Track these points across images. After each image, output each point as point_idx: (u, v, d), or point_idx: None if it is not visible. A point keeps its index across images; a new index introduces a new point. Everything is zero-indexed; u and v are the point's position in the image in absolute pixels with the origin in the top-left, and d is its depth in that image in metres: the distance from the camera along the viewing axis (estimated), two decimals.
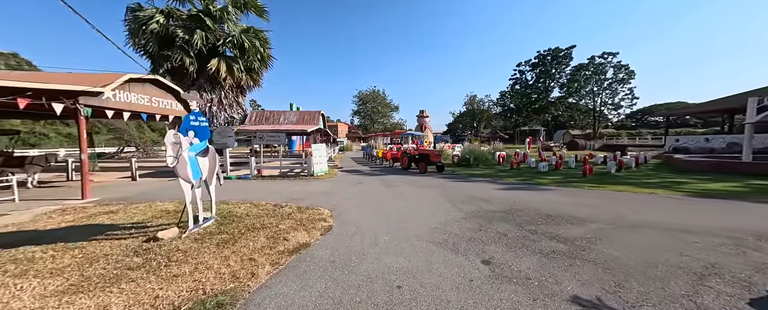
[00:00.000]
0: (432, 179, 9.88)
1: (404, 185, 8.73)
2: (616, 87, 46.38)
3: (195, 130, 4.32)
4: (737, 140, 19.51)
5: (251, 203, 6.20)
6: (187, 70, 13.31)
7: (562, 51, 48.72)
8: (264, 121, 16.02)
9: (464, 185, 8.56)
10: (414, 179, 9.91)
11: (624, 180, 9.17)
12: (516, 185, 8.40)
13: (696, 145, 21.57)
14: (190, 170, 4.11)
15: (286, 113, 16.68)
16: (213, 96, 14.21)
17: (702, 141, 21.30)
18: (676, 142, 23.22)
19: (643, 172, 11.41)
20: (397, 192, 7.47)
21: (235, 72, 14.25)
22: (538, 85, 51.73)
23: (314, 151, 10.86)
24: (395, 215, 5.21)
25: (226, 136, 10.64)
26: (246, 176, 10.50)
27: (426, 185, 8.67)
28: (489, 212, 5.33)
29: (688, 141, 22.45)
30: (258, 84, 16.31)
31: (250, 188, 8.52)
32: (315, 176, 10.65)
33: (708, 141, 20.99)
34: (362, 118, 62.29)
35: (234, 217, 5.05)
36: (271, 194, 7.50)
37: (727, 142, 19.67)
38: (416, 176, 11.03)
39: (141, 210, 5.61)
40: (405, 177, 10.63)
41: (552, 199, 6.38)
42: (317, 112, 16.92)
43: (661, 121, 76.88)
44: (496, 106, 62.69)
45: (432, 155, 11.81)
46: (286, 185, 9.09)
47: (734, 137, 19.75)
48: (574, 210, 5.29)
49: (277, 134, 10.80)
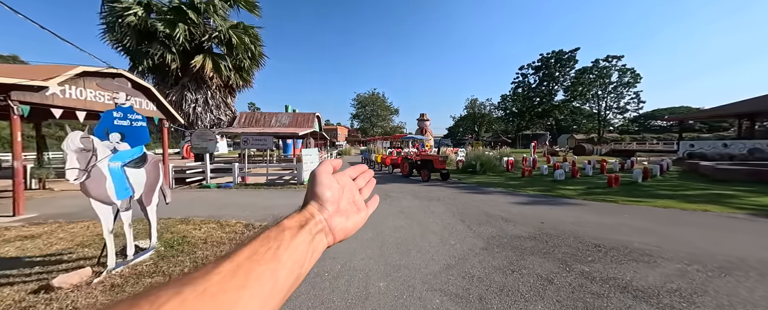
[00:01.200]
0: (437, 189, 8.71)
1: (406, 196, 7.56)
2: (622, 91, 45.39)
3: (122, 131, 3.18)
4: (760, 146, 18.38)
5: (218, 222, 5.03)
6: (169, 68, 12.26)
7: (566, 54, 47.86)
8: (254, 124, 14.91)
9: (475, 197, 7.38)
10: (416, 189, 8.75)
11: (657, 192, 8.00)
12: (536, 198, 7.23)
13: (713, 151, 20.43)
14: (110, 186, 2.95)
15: (279, 115, 15.57)
16: (198, 96, 13.12)
17: (720, 146, 20.17)
18: (691, 148, 22.08)
19: (671, 181, 10.24)
20: (397, 207, 6.30)
21: (223, 70, 13.20)
22: (542, 88, 50.76)
23: (304, 157, 9.71)
24: (395, 242, 4.03)
25: (207, 140, 9.51)
26: (227, 185, 9.33)
27: (431, 196, 7.51)
28: (515, 237, 4.15)
29: (705, 146, 21.31)
30: (249, 84, 15.26)
31: (227, 200, 7.35)
32: (305, 185, 9.48)
33: (727, 146, 19.86)
34: (361, 121, 61.26)
35: (185, 245, 3.88)
36: (248, 208, 6.33)
37: (747, 147, 18.54)
38: (418, 184, 9.86)
39: (73, 233, 4.44)
40: (406, 186, 9.46)
41: (587, 218, 5.20)
42: (312, 115, 15.82)
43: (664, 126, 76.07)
44: (498, 110, 61.73)
45: (436, 161, 10.67)
46: (270, 195, 7.92)
47: (756, 143, 18.62)
48: (625, 236, 4.12)
49: (263, 138, 9.67)
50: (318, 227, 0.41)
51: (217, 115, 13.84)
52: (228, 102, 14.69)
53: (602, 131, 48.22)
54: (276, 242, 0.34)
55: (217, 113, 13.83)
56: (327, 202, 0.44)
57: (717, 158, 19.37)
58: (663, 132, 69.45)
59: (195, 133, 9.52)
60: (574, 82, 46.51)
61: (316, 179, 0.46)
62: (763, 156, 17.29)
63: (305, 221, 0.40)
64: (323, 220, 0.42)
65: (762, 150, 17.73)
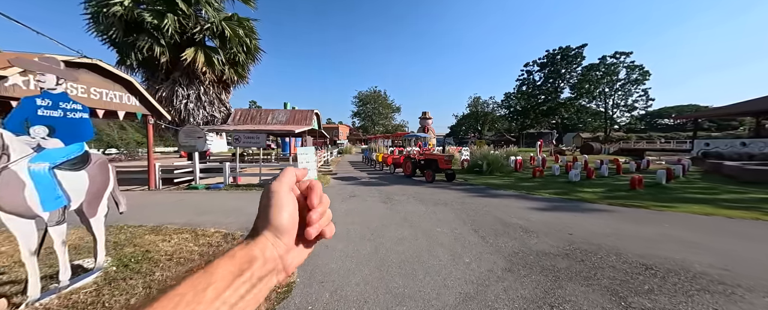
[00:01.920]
0: (443, 192, 8.01)
1: (409, 200, 6.86)
2: (630, 88, 44.22)
3: (51, 124, 2.50)
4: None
5: (194, 232, 4.36)
6: (158, 62, 11.61)
7: (572, 50, 46.68)
8: (250, 121, 14.26)
9: (486, 201, 6.67)
10: (420, 192, 8.05)
11: (687, 195, 7.25)
12: (554, 202, 6.50)
13: (731, 150, 19.52)
14: (32, 195, 2.29)
15: (276, 112, 14.90)
16: (190, 92, 12.48)
17: (738, 145, 19.25)
18: (706, 147, 21.18)
19: (696, 183, 9.46)
20: (399, 213, 5.61)
21: (216, 64, 12.53)
22: (547, 85, 49.63)
23: (300, 156, 9.04)
24: (397, 260, 3.35)
25: (195, 138, 8.86)
26: (217, 186, 8.68)
27: (437, 200, 6.80)
28: (543, 254, 3.45)
29: (721, 145, 20.39)
30: (244, 79, 14.59)
31: (213, 203, 6.70)
32: None
33: (745, 146, 18.94)
34: (363, 119, 60.52)
35: (145, 263, 3.21)
36: (233, 213, 5.67)
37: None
38: (422, 186, 9.16)
39: None
40: (409, 188, 8.77)
41: (622, 228, 4.48)
42: (310, 112, 15.14)
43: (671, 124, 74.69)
44: (501, 109, 60.67)
45: (441, 160, 9.96)
46: None
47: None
48: (678, 254, 3.40)
49: (255, 135, 9.01)
50: (267, 267, 0.32)
51: (210, 112, 13.19)
52: (222, 98, 14.03)
53: (609, 130, 47.11)
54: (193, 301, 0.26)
55: (210, 110, 13.17)
56: (284, 231, 0.35)
57: (735, 158, 18.51)
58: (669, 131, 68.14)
59: (182, 130, 8.87)
60: (580, 79, 45.37)
61: (272, 196, 0.36)
62: None
63: (249, 263, 0.31)
64: (277, 257, 0.34)
65: None
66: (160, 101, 12.00)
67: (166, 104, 12.07)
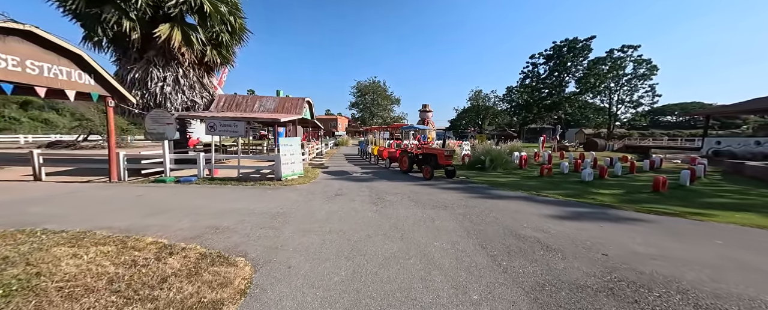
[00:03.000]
0: (442, 191, 7.08)
1: (403, 201, 5.94)
2: (636, 83, 42.90)
3: None
4: None
5: (124, 241, 3.42)
6: (129, 38, 10.41)
7: (580, 42, 45.04)
8: (235, 108, 13.15)
9: (493, 204, 5.75)
10: (417, 191, 7.12)
11: (719, 200, 6.36)
12: (573, 207, 5.59)
13: (743, 149, 18.69)
14: None
15: (264, 99, 13.77)
16: (167, 74, 11.33)
17: (751, 144, 18.38)
18: (717, 145, 20.33)
19: (722, 185, 8.58)
20: (390, 219, 4.68)
21: (195, 44, 11.35)
22: (552, 79, 48.20)
23: (282, 147, 8.05)
24: (380, 293, 2.43)
25: (163, 124, 7.83)
26: (189, 179, 7.72)
27: (436, 202, 5.88)
28: (577, 288, 2.53)
29: (733, 144, 19.53)
30: (229, 62, 13.40)
31: (175, 200, 5.75)
32: (284, 181, 7.87)
33: (759, 144, 18.07)
34: (361, 110, 59.05)
35: (19, 297, 2.27)
36: (192, 214, 4.73)
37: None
38: (419, 183, 8.24)
39: None
40: (404, 186, 7.84)
41: (666, 246, 3.58)
42: (302, 100, 14.03)
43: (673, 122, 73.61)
44: (503, 103, 59.34)
45: (440, 155, 9.00)
46: (234, 195, 6.31)
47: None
48: (764, 290, 2.49)
49: (233, 123, 7.98)
50: None
51: (190, 97, 12.08)
52: (204, 82, 12.89)
53: (612, 126, 46.11)
54: None
55: (190, 95, 12.06)
56: None
57: (749, 158, 17.69)
58: (672, 128, 67.28)
59: (149, 116, 7.82)
60: (586, 73, 43.95)
61: None
62: None
63: None
64: None
65: None
66: (132, 83, 10.89)
67: (140, 87, 10.95)
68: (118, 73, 11.13)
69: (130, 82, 10.87)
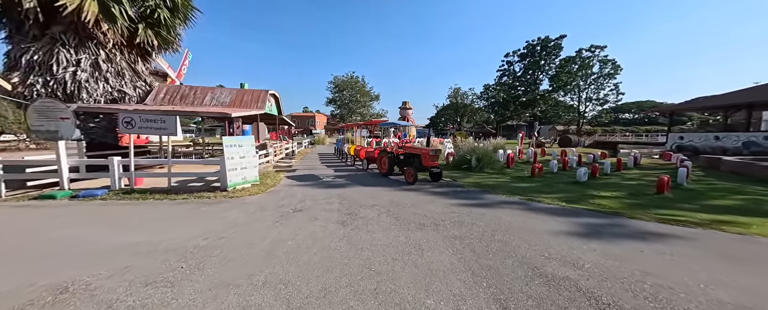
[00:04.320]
0: (429, 200, 5.84)
1: (380, 218, 4.59)
2: (602, 82, 45.23)
3: None
4: (755, 139, 17.69)
5: None
6: (21, 8, 8.00)
7: (551, 41, 46.45)
8: (179, 101, 10.95)
9: (494, 218, 4.59)
10: (398, 200, 5.82)
11: (726, 202, 5.77)
12: (584, 218, 4.59)
13: (704, 144, 19.65)
14: None
15: (217, 91, 11.68)
16: (81, 56, 8.97)
17: (711, 139, 19.36)
18: (680, 140, 21.35)
19: (712, 183, 8.24)
20: (361, 253, 3.32)
21: (120, 19, 9.10)
22: (527, 76, 49.40)
23: (228, 149, 6.34)
24: None
25: (55, 119, 5.78)
26: (93, 193, 5.75)
27: (422, 218, 4.60)
28: None
29: (695, 139, 20.56)
30: (172, 46, 11.17)
31: (39, 230, 3.92)
32: (230, 191, 6.19)
33: (718, 139, 19.10)
34: (339, 107, 56.70)
35: None
36: (46, 256, 3.02)
37: (741, 140, 17.77)
38: (401, 189, 6.96)
39: None
40: (383, 193, 6.50)
41: (749, 286, 2.58)
42: (264, 92, 12.11)
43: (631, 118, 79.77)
44: (480, 100, 60.13)
45: (424, 155, 7.77)
46: (148, 216, 4.57)
47: (752, 136, 17.90)
48: None
49: (160, 119, 6.12)
50: None
51: (117, 86, 9.76)
52: (138, 69, 10.57)
53: (581, 123, 48.35)
54: None
55: (117, 83, 9.74)
56: None
57: (709, 152, 18.49)
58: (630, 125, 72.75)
59: (32, 108, 5.69)
60: (558, 71, 45.52)
61: None
62: (759, 149, 16.58)
63: None
64: None
65: (758, 143, 17.02)
66: (30, 67, 8.43)
67: (42, 72, 8.54)
68: (10, 54, 8.58)
69: (27, 65, 8.42)
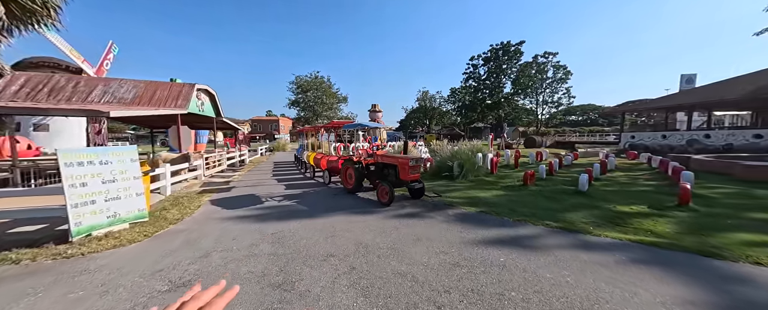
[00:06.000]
0: (415, 239, 3.89)
1: (335, 295, 2.50)
2: (557, 86, 48.59)
3: None
4: (697, 137, 19.18)
5: None
6: None
7: (512, 46, 48.70)
8: (50, 96, 7.56)
9: (551, 282, 2.78)
10: (368, 242, 3.78)
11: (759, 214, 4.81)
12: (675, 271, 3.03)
13: (653, 142, 21.03)
14: None
15: (114, 84, 8.42)
16: None
17: (659, 138, 20.81)
18: (632, 139, 22.70)
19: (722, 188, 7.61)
20: None
21: None
22: (491, 80, 51.11)
23: (70, 170, 3.71)
24: None
25: None
26: None
27: (412, 288, 2.62)
28: None
29: (645, 138, 21.97)
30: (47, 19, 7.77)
31: None
32: (78, 242, 3.57)
33: (665, 138, 20.53)
34: (303, 109, 52.71)
35: None
36: None
37: (685, 139, 19.21)
38: (373, 214, 4.93)
39: None
40: (346, 225, 4.40)
41: None
42: (188, 87, 9.17)
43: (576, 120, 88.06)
44: (448, 103, 61.02)
45: (403, 166, 5.83)
46: None
47: (694, 134, 19.44)
48: None
49: None
50: None
51: None
52: None
53: (539, 125, 51.37)
54: None
55: None
56: None
57: (657, 150, 19.45)
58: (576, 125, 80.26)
59: None
60: (519, 75, 47.83)
61: None
62: (701, 146, 17.96)
63: None
64: None
65: (699, 141, 18.48)
66: None
67: None
68: None
69: None
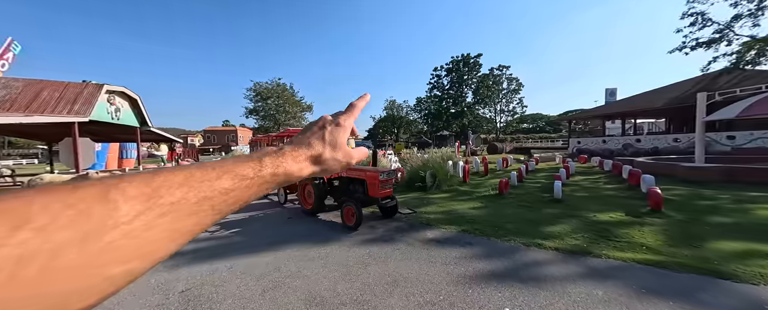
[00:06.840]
0: (392, 284, 2.96)
1: None
2: (511, 96, 52.89)
3: None
4: (629, 141, 21.62)
5: None
6: None
7: (472, 58, 52.00)
8: None
9: None
10: (326, 295, 2.74)
11: (724, 219, 4.89)
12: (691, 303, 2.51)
13: (597, 147, 23.23)
14: None
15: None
16: None
17: (600, 143, 23.16)
18: (578, 144, 24.89)
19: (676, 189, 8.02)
20: None
21: None
22: (454, 89, 53.71)
23: None
24: None
25: None
26: None
27: None
28: None
29: (589, 143, 24.26)
30: None
31: None
32: None
33: (605, 143, 22.89)
34: (263, 118, 49.07)
35: None
36: None
37: (621, 143, 21.61)
38: (336, 245, 3.89)
39: None
40: (298, 265, 3.31)
41: None
42: (93, 88, 7.17)
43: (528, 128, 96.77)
44: (414, 112, 62.45)
45: (372, 181, 4.90)
46: None
47: (627, 139, 21.93)
48: None
49: None
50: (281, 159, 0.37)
51: None
52: None
53: (498, 132, 55.06)
54: None
55: None
56: None
57: (600, 153, 21.30)
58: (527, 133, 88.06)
59: None
60: (478, 85, 51.09)
61: None
62: (634, 149, 20.31)
63: None
64: None
65: (632, 145, 20.91)
66: None
67: None
68: None
69: None
